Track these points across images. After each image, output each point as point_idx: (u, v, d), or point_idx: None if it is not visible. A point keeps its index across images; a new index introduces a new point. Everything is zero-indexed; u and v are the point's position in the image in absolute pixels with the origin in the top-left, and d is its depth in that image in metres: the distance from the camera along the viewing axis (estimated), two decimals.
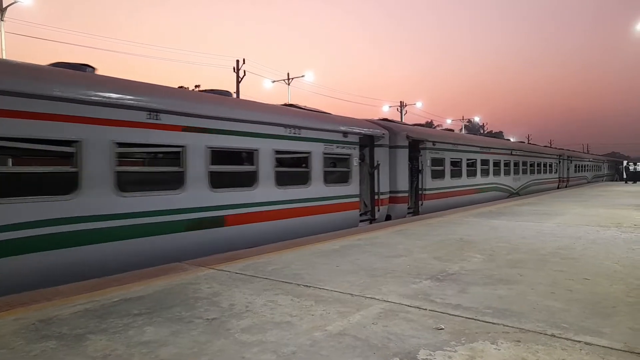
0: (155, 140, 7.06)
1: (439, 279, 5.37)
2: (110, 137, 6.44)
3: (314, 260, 6.50)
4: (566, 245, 7.56)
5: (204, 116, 7.74)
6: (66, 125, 5.95)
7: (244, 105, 9.47)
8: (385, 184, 12.86)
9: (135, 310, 4.24)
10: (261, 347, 3.37)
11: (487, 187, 19.38)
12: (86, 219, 6.11)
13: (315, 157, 10.09)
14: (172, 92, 7.99)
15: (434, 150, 15.18)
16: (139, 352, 3.29)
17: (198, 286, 5.12)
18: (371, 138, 12.36)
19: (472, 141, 18.99)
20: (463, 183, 17.32)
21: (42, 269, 5.70)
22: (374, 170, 12.33)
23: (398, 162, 13.42)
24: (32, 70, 6.05)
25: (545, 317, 3.96)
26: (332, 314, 4.11)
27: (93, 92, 6.28)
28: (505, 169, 21.32)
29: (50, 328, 3.79)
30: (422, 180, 14.34)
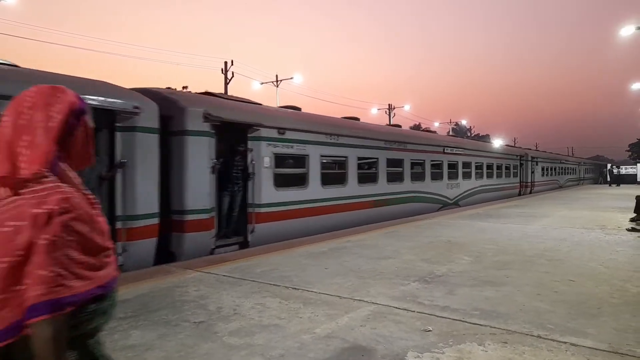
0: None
1: (427, 280, 5.39)
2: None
3: (302, 263, 6.48)
4: (552, 247, 7.65)
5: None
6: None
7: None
8: (148, 198, 6.74)
9: (120, 314, 4.17)
10: (249, 350, 3.35)
11: (398, 197, 13.43)
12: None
13: None
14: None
15: (281, 142, 9.38)
16: (124, 356, 3.24)
17: (185, 289, 5.06)
18: (109, 115, 6.34)
19: (367, 132, 12.68)
20: (349, 192, 11.32)
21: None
22: (110, 174, 6.40)
23: (186, 160, 7.52)
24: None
25: (532, 318, 4.00)
26: (320, 316, 4.10)
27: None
28: (435, 172, 15.73)
29: None
30: (252, 191, 8.63)
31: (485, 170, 20.46)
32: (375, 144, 12.58)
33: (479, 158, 19.95)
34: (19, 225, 1.19)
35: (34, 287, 1.15)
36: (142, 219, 6.62)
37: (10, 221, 1.20)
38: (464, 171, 18.12)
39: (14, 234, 1.19)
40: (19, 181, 1.26)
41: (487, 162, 20.74)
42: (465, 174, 18.33)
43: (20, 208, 1.21)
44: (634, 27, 16.30)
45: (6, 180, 1.27)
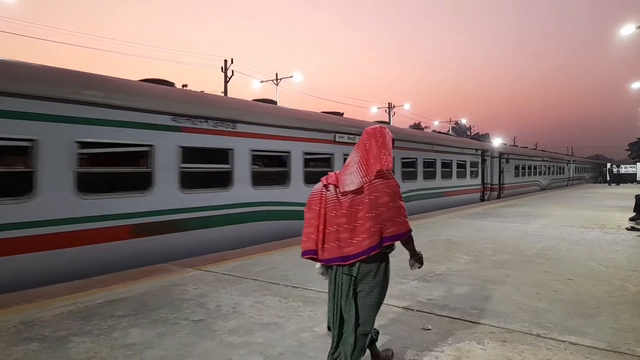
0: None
1: (426, 279, 5.39)
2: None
3: (301, 261, 6.44)
4: (551, 246, 7.65)
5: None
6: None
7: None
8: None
9: (119, 312, 4.18)
10: (248, 348, 3.35)
11: (236, 213, 8.26)
12: None
13: None
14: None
15: None
16: (123, 355, 3.24)
17: (184, 287, 5.06)
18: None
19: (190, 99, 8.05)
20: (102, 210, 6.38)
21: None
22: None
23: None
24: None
25: (531, 317, 4.00)
26: (319, 314, 4.10)
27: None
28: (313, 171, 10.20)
29: (32, 330, 3.71)
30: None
31: (421, 169, 14.68)
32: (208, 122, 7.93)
33: (411, 152, 14.20)
34: (381, 195, 2.57)
35: (397, 227, 2.58)
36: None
37: (378, 193, 2.57)
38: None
39: (376, 200, 2.56)
40: (383, 173, 2.62)
41: (426, 157, 15.06)
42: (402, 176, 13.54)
43: (384, 186, 2.59)
44: (634, 27, 16.29)
45: (378, 172, 2.61)
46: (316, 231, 2.67)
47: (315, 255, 2.69)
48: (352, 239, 2.57)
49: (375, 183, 2.58)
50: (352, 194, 2.61)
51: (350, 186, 2.62)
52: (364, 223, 2.55)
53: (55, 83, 6.10)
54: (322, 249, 2.65)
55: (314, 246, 2.68)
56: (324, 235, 2.64)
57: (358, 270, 2.60)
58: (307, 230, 2.72)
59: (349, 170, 2.68)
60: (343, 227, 2.60)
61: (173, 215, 7.25)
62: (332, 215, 2.63)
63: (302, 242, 2.75)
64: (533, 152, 32.69)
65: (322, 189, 2.72)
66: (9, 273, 5.41)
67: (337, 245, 2.60)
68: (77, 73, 6.65)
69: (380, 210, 2.55)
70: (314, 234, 2.68)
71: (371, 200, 2.56)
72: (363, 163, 2.64)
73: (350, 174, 2.66)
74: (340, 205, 2.62)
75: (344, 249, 2.58)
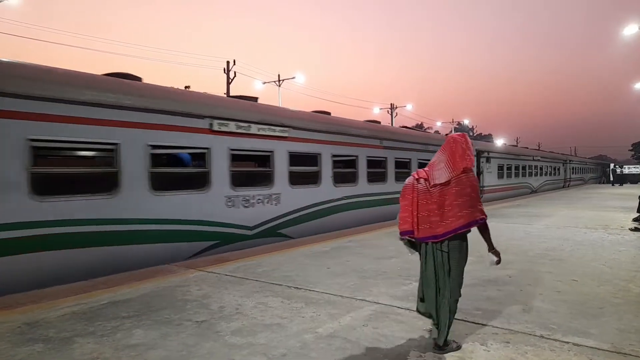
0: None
1: None
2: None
3: (304, 262, 6.48)
4: (554, 246, 7.63)
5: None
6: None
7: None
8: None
9: (123, 313, 4.19)
10: (251, 349, 3.35)
11: None
12: None
13: None
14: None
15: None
16: (127, 355, 3.25)
17: (187, 288, 5.07)
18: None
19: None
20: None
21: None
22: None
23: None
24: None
25: (534, 318, 4.00)
26: (322, 315, 4.10)
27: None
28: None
29: (36, 331, 3.73)
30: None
31: (364, 170, 11.94)
32: None
33: (352, 148, 11.56)
34: (465, 187, 3.20)
35: (476, 214, 3.21)
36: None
37: (463, 185, 3.21)
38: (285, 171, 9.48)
39: (461, 191, 3.19)
40: (467, 170, 3.22)
41: (373, 155, 12.41)
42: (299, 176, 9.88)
43: (468, 180, 3.21)
44: (637, 27, 16.25)
45: (464, 169, 3.21)
46: (411, 215, 3.33)
47: (412, 235, 3.34)
48: (441, 222, 3.23)
49: (461, 177, 3.25)
50: (441, 186, 3.27)
51: (440, 179, 3.28)
52: (451, 209, 3.22)
53: (140, 95, 7.03)
54: (417, 230, 3.30)
55: (411, 227, 3.33)
56: (417, 218, 3.29)
57: (448, 246, 3.26)
58: (403, 215, 3.38)
59: (437, 167, 3.34)
60: (434, 212, 3.25)
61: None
62: (423, 202, 3.30)
63: (400, 224, 3.40)
64: (521, 150, 29.32)
65: (414, 181, 3.38)
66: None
67: (429, 227, 3.26)
68: (156, 87, 7.73)
69: (464, 199, 3.21)
70: (409, 218, 3.33)
71: (457, 191, 3.23)
72: (450, 162, 3.29)
73: (439, 170, 3.32)
74: (431, 195, 3.29)
75: (436, 229, 3.24)
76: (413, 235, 3.34)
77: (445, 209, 3.23)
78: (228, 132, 8.18)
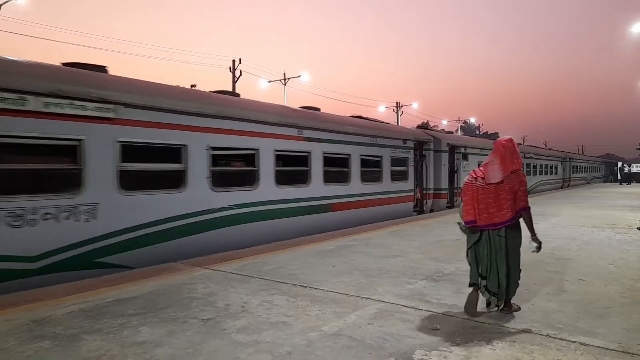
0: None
1: (434, 279, 5.37)
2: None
3: (309, 261, 6.49)
4: (561, 245, 7.59)
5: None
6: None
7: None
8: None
9: (129, 311, 4.21)
10: (256, 347, 3.36)
11: None
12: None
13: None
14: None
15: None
16: (133, 353, 3.26)
17: (193, 286, 5.09)
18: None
19: None
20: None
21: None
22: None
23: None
24: None
25: (540, 318, 3.98)
26: (327, 314, 4.11)
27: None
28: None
29: (43, 328, 3.76)
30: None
31: (268, 168, 8.82)
32: None
33: (233, 138, 8.21)
34: (515, 184, 3.99)
35: (522, 204, 4.01)
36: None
37: (514, 183, 3.98)
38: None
39: (512, 187, 3.98)
40: (516, 171, 4.00)
41: (282, 149, 9.21)
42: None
43: (517, 178, 4.00)
44: None
45: (513, 170, 3.98)
46: (473, 208, 4.08)
47: (474, 224, 4.09)
48: (498, 213, 4.00)
49: (511, 177, 4.01)
50: (495, 184, 4.02)
51: (495, 179, 4.04)
52: (505, 202, 4.00)
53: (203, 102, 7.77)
54: (479, 219, 4.06)
55: (474, 218, 4.09)
56: (478, 210, 4.05)
57: (505, 232, 4.03)
58: (466, 207, 4.14)
59: (492, 168, 4.09)
60: (491, 205, 4.02)
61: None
62: (482, 197, 4.06)
63: (464, 215, 4.18)
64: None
65: (472, 180, 4.16)
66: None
67: (488, 216, 4.03)
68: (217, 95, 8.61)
69: (515, 195, 4.01)
70: (472, 210, 4.09)
71: (509, 188, 4.01)
72: (502, 165, 4.05)
73: (493, 170, 4.07)
74: (488, 191, 4.04)
75: (493, 219, 4.02)
76: (476, 224, 4.08)
77: (501, 202, 4.00)
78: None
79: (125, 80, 7.13)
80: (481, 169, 4.17)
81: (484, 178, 4.08)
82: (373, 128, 12.49)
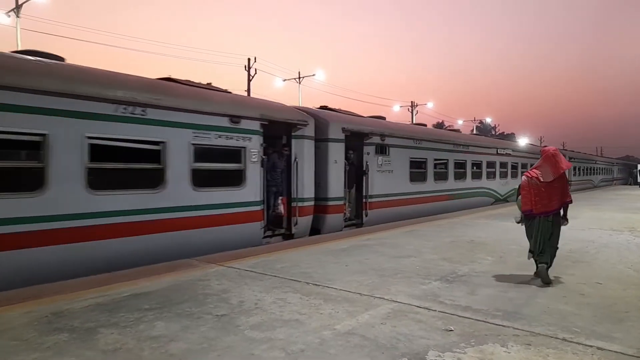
0: None
1: (448, 280, 5.34)
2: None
3: (322, 259, 6.50)
4: (578, 248, 7.46)
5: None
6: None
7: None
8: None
9: (145, 305, 4.28)
10: (270, 344, 3.38)
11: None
12: None
13: None
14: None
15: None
16: (149, 347, 3.32)
17: (207, 282, 5.14)
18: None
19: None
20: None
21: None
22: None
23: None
24: None
25: (557, 321, 3.92)
26: (340, 313, 4.11)
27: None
28: None
29: (61, 321, 3.84)
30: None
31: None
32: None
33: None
34: (563, 183, 5.42)
35: (566, 198, 5.40)
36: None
37: (562, 181, 5.37)
38: None
39: (560, 185, 5.34)
40: (563, 173, 5.41)
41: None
42: None
43: (562, 179, 5.40)
44: None
45: (561, 173, 5.34)
46: (530, 200, 5.33)
47: (531, 212, 5.33)
48: (549, 203, 5.27)
49: (560, 177, 5.29)
50: (547, 183, 5.25)
51: (547, 179, 5.26)
52: (555, 196, 5.27)
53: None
54: (535, 209, 5.30)
55: (530, 208, 5.33)
56: (534, 202, 5.29)
57: (552, 218, 5.30)
58: (525, 200, 5.39)
59: (544, 171, 5.32)
60: (544, 198, 5.27)
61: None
62: (536, 192, 5.29)
63: (522, 206, 5.45)
64: (467, 137, 18.64)
65: (529, 179, 5.37)
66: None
67: (541, 206, 5.27)
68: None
69: (562, 191, 5.32)
70: (529, 202, 5.33)
71: (560, 185, 5.30)
72: (552, 168, 5.28)
73: (545, 173, 5.30)
74: (541, 187, 5.28)
75: (547, 208, 5.26)
76: (532, 212, 5.32)
77: (552, 196, 5.26)
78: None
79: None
80: (535, 171, 5.40)
81: (537, 178, 5.30)
82: (133, 84, 6.89)
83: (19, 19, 20.67)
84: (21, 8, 20.79)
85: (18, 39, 20.39)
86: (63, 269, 5.64)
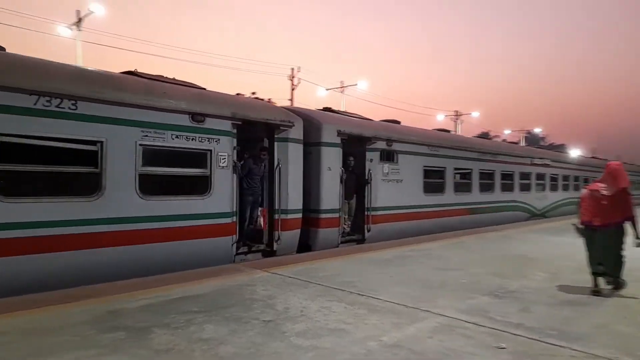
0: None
1: (498, 295, 5.16)
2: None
3: (366, 269, 6.45)
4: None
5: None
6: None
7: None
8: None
9: (194, 308, 4.40)
10: (316, 352, 3.39)
11: None
12: None
13: None
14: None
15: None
16: (199, 348, 3.41)
17: (254, 288, 5.23)
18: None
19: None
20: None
21: None
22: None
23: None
24: None
25: (617, 343, 3.70)
26: (386, 324, 4.06)
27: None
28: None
29: (118, 320, 4.02)
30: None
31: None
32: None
33: None
34: (622, 198, 5.35)
35: (628, 214, 5.30)
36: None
37: (621, 196, 5.35)
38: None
39: (620, 199, 5.34)
40: (625, 188, 5.43)
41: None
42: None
43: (623, 193, 5.40)
44: None
45: (623, 187, 5.40)
46: (589, 212, 5.45)
47: (590, 224, 5.43)
48: (608, 216, 5.30)
49: (620, 192, 5.36)
50: (608, 196, 5.33)
51: (607, 192, 5.36)
52: (614, 210, 5.30)
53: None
54: (594, 220, 5.38)
55: (589, 219, 5.44)
56: (593, 214, 5.39)
57: (613, 231, 5.30)
58: (583, 211, 5.54)
59: (604, 185, 5.46)
60: (603, 210, 5.33)
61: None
62: (596, 204, 5.39)
63: (582, 217, 5.56)
64: (497, 145, 17.51)
65: (590, 192, 5.55)
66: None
67: (600, 219, 5.34)
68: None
69: (621, 205, 5.31)
70: (588, 214, 5.46)
71: (617, 200, 5.32)
72: (613, 182, 5.40)
73: (605, 186, 5.43)
74: (601, 201, 5.36)
75: (606, 221, 5.31)
76: (591, 224, 5.42)
77: (611, 209, 5.30)
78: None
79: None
80: (597, 184, 5.54)
81: (598, 191, 5.43)
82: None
83: (80, 32, 22.00)
84: (82, 21, 22.12)
85: (79, 52, 21.70)
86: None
